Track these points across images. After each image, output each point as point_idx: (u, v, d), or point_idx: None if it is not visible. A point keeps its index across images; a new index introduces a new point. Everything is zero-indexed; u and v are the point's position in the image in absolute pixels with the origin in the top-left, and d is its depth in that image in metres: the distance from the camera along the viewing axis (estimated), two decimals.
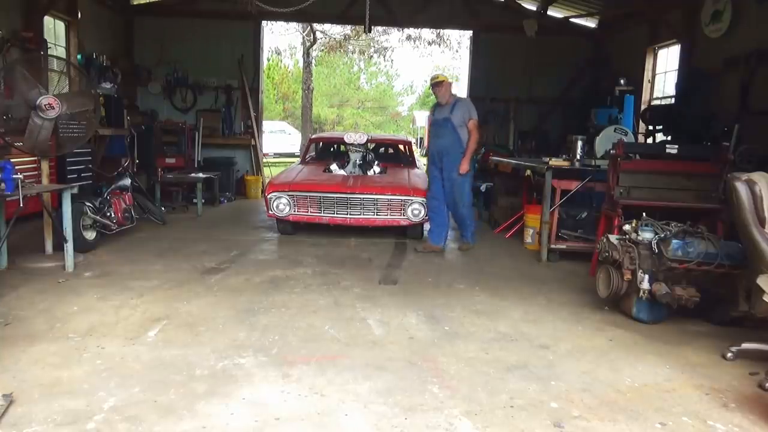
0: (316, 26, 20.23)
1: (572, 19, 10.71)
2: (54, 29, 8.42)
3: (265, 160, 11.71)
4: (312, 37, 21.42)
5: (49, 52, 7.48)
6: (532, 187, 7.09)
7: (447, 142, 6.10)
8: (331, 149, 8.95)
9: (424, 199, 6.47)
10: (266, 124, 15.55)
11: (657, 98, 9.09)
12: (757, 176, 3.40)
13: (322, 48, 24.89)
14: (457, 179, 6.11)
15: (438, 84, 6.18)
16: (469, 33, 11.74)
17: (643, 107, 8.79)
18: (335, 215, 6.52)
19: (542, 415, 2.71)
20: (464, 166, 6.08)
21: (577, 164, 5.91)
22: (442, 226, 6.31)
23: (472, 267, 5.70)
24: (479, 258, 6.06)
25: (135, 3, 10.68)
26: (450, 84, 6.26)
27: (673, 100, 8.17)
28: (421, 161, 9.62)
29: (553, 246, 5.90)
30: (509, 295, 4.72)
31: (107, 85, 8.56)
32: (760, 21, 6.49)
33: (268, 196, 6.57)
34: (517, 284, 5.07)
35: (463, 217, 6.32)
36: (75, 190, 5.12)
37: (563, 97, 10.96)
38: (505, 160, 8.04)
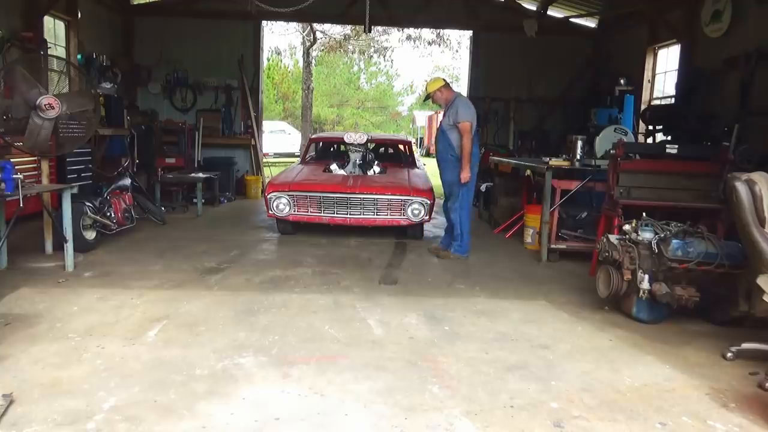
0: (316, 26, 20.24)
1: (572, 19, 10.71)
2: (54, 29, 8.42)
3: (265, 160, 11.71)
4: (312, 37, 21.43)
5: (49, 52, 7.48)
6: (532, 187, 7.09)
7: (440, 146, 6.00)
8: (331, 149, 8.96)
9: (424, 199, 6.47)
10: (266, 124, 15.55)
11: (657, 98, 9.09)
12: (757, 176, 3.40)
13: (322, 48, 24.91)
14: (450, 182, 5.94)
15: (430, 96, 6.05)
16: (469, 33, 11.74)
17: (643, 107, 8.79)
18: (335, 215, 6.52)
19: (542, 415, 2.71)
20: (464, 175, 5.73)
21: (577, 164, 5.90)
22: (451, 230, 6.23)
23: (471, 267, 5.70)
24: (479, 258, 6.06)
25: (135, 3, 10.69)
26: (442, 87, 5.92)
27: (673, 100, 8.18)
28: (421, 161, 9.62)
29: (553, 246, 5.90)
30: (509, 295, 4.72)
31: (107, 85, 8.56)
32: (760, 21, 6.49)
33: (268, 196, 6.57)
34: (517, 284, 5.08)
35: (453, 224, 5.99)
36: (75, 190, 5.13)
37: (563, 97, 10.96)
38: (505, 160, 8.04)
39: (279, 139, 22.97)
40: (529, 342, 3.66)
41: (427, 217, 6.56)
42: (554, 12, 10.64)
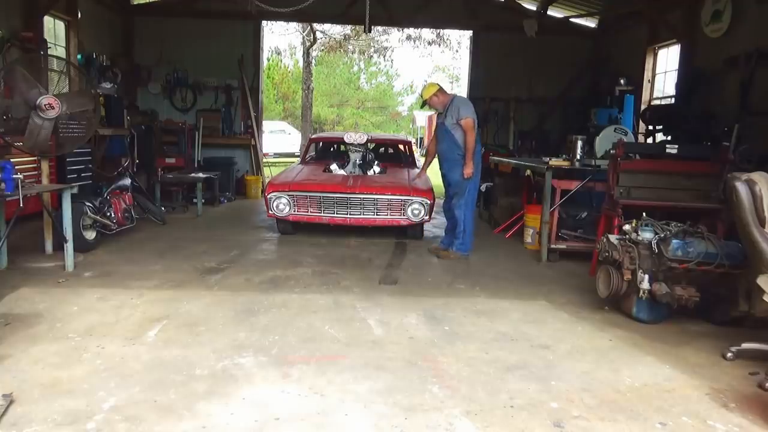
0: (316, 26, 20.25)
1: (572, 19, 10.71)
2: (54, 29, 8.41)
3: (265, 160, 11.71)
4: (312, 37, 21.44)
5: (49, 52, 7.48)
6: (532, 187, 7.09)
7: (444, 147, 6.00)
8: (331, 149, 8.96)
9: (424, 199, 6.47)
10: (266, 124, 15.55)
11: (657, 98, 9.08)
12: (757, 176, 3.40)
13: (322, 48, 24.91)
14: (455, 179, 5.94)
15: (426, 102, 6.04)
16: (469, 33, 11.74)
17: (643, 107, 8.79)
18: (335, 215, 6.52)
19: (542, 415, 2.71)
20: (467, 170, 5.81)
21: (577, 164, 5.90)
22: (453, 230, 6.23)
23: (471, 267, 5.70)
24: (479, 258, 6.06)
25: (135, 3, 10.69)
26: (438, 91, 5.96)
27: (673, 100, 8.18)
28: (421, 161, 9.61)
29: (553, 246, 5.90)
30: (509, 295, 4.72)
31: (107, 85, 8.57)
32: (760, 21, 6.48)
33: (268, 196, 6.57)
34: (517, 284, 5.08)
35: (457, 221, 6.00)
36: (75, 190, 5.13)
37: (563, 97, 10.96)
38: (505, 160, 8.04)
39: (279, 139, 22.97)
40: (529, 342, 3.66)
41: (427, 217, 6.57)
42: (554, 12, 10.64)
